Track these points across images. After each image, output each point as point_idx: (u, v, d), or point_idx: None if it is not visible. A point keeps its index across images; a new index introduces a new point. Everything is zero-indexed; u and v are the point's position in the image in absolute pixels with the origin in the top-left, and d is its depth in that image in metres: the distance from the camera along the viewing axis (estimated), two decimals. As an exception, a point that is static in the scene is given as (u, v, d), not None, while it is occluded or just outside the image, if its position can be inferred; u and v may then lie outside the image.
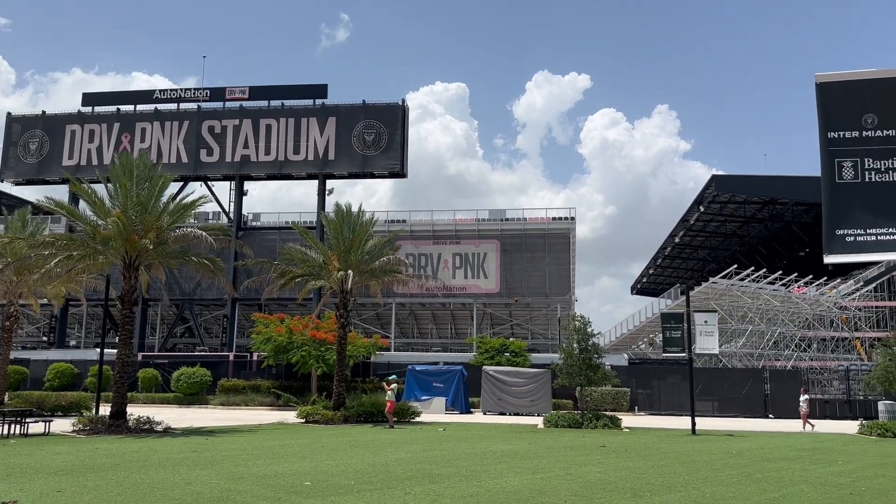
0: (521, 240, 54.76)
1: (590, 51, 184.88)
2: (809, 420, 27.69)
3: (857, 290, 64.22)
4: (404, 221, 56.09)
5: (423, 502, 9.77)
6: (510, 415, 32.55)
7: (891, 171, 5.64)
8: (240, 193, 56.79)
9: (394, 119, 55.03)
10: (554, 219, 54.80)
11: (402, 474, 12.51)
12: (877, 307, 64.46)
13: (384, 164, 54.75)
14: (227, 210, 57.10)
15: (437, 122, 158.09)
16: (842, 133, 5.63)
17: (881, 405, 26.63)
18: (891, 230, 5.55)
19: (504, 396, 33.06)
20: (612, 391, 34.75)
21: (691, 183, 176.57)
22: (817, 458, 16.42)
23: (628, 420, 29.30)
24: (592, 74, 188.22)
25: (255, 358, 42.58)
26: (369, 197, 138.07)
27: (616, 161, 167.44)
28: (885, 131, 5.54)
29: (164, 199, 23.04)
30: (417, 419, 27.87)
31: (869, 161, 5.70)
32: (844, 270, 73.71)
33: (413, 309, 60.12)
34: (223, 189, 62.54)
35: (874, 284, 64.13)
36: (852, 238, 5.61)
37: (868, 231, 5.65)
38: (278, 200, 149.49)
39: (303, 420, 26.36)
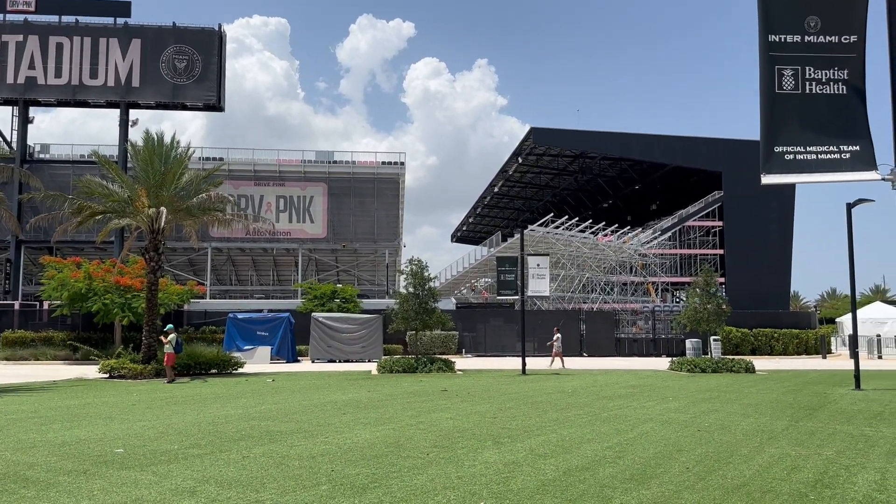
0: (350, 184, 53.07)
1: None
2: (562, 358, 29.08)
3: (655, 238, 69.75)
4: (222, 160, 51.98)
5: (268, 466, 8.39)
6: (340, 362, 31.46)
7: (831, 83, 5.39)
8: (24, 120, 49.47)
9: (209, 46, 50.30)
10: (384, 163, 53.56)
11: (234, 434, 10.96)
12: (670, 254, 70.49)
13: (198, 96, 50.05)
14: (9, 139, 49.61)
15: (254, 59, 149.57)
16: (783, 37, 5.28)
17: (688, 343, 28.80)
18: (831, 148, 5.35)
19: (334, 343, 31.83)
20: (442, 335, 34.79)
21: (506, 137, 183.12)
22: (648, 395, 17.02)
23: (459, 362, 29.38)
24: (417, 23, 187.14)
25: (45, 307, 37.62)
26: (179, 135, 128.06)
27: (438, 112, 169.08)
28: (827, 37, 5.26)
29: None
30: (241, 370, 25.95)
31: (810, 70, 5.42)
32: (642, 220, 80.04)
33: (231, 254, 56.62)
34: (4, 117, 54.29)
35: (669, 234, 69.95)
36: (791, 156, 5.35)
37: (808, 148, 5.41)
38: (71, 135, 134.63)
39: (106, 375, 23.48)
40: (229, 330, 32.94)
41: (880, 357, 36.51)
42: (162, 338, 23.05)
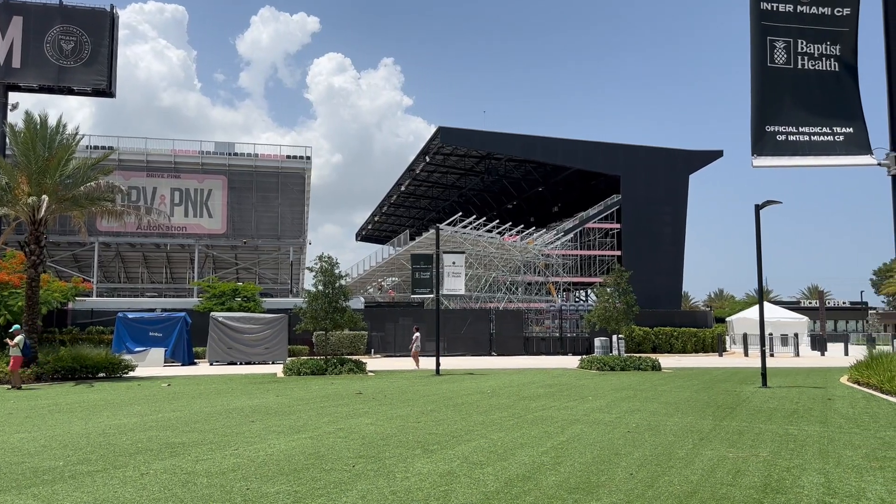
0: (252, 177, 50.74)
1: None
2: (417, 358, 28.55)
3: (558, 239, 71.07)
4: (112, 149, 48.58)
5: (172, 485, 7.37)
6: (242, 364, 29.87)
7: (823, 59, 5.16)
8: None
9: (100, 27, 46.88)
10: (288, 157, 51.55)
11: (130, 447, 9.75)
12: (572, 255, 71.99)
13: (86, 80, 46.50)
14: None
15: (148, 47, 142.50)
16: (775, 5, 5.01)
17: (597, 341, 29.13)
18: (824, 129, 5.12)
19: (235, 345, 30.14)
20: (350, 335, 33.75)
21: (412, 137, 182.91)
22: (567, 395, 16.80)
23: (369, 363, 28.51)
24: (322, 18, 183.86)
25: None
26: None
27: (342, 109, 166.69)
28: (819, 8, 5.04)
29: None
30: (132, 374, 24.07)
31: (802, 44, 5.18)
32: (544, 222, 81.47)
33: (120, 250, 53.11)
34: None
35: (570, 235, 71.42)
36: (784, 137, 5.09)
37: (800, 129, 5.16)
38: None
39: (-23, 381, 21.18)
40: (118, 330, 30.67)
41: (772, 355, 38.33)
42: (7, 340, 20.86)
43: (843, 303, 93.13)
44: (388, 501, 6.69)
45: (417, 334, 28.78)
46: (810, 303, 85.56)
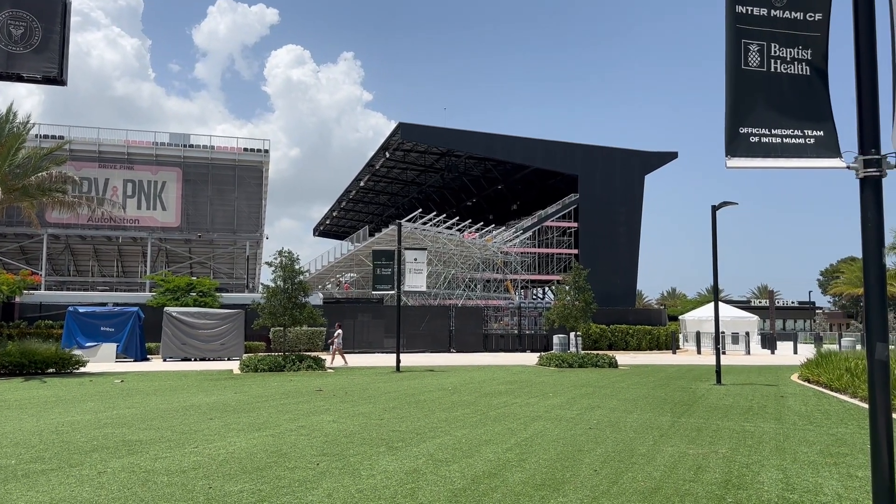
0: (208, 170, 49.73)
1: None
2: (343, 355, 28.48)
3: (517, 237, 71.50)
4: (62, 138, 47.13)
5: (131, 484, 7.18)
6: (196, 360, 29.31)
7: (795, 63, 5.19)
8: None
9: (52, 13, 44.73)
10: (246, 150, 50.68)
11: (85, 445, 9.48)
12: (530, 253, 72.53)
13: (37, 67, 44.19)
14: None
15: (101, 35, 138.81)
16: (750, 8, 5.02)
17: (555, 338, 29.42)
18: (795, 132, 5.15)
19: (190, 341, 29.54)
20: (308, 331, 33.42)
21: (371, 132, 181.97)
22: (528, 391, 16.93)
23: (327, 360, 28.28)
24: (281, 10, 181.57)
25: None
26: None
27: (301, 103, 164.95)
28: (792, 13, 5.05)
29: None
30: (83, 370, 23.45)
31: (775, 47, 5.21)
32: (503, 219, 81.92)
33: (70, 242, 51.60)
34: None
35: (529, 233, 71.91)
36: (756, 139, 5.11)
37: (773, 131, 5.19)
38: None
39: (-82, 377, 20.39)
40: (69, 325, 29.83)
41: (724, 353, 39.18)
42: None
43: (792, 302, 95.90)
44: (354, 500, 6.63)
45: (340, 331, 28.83)
46: (760, 302, 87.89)
